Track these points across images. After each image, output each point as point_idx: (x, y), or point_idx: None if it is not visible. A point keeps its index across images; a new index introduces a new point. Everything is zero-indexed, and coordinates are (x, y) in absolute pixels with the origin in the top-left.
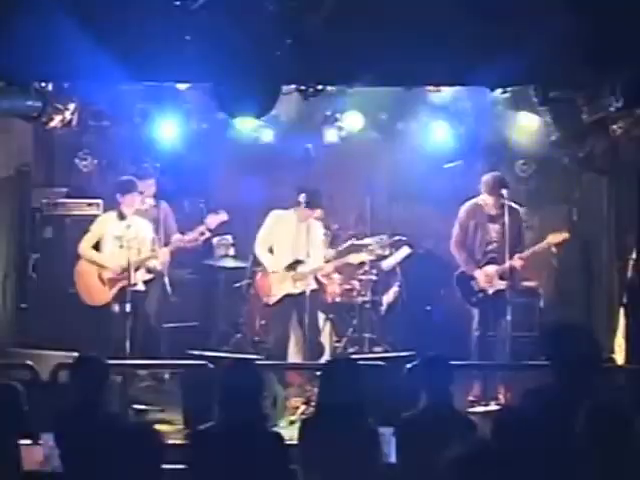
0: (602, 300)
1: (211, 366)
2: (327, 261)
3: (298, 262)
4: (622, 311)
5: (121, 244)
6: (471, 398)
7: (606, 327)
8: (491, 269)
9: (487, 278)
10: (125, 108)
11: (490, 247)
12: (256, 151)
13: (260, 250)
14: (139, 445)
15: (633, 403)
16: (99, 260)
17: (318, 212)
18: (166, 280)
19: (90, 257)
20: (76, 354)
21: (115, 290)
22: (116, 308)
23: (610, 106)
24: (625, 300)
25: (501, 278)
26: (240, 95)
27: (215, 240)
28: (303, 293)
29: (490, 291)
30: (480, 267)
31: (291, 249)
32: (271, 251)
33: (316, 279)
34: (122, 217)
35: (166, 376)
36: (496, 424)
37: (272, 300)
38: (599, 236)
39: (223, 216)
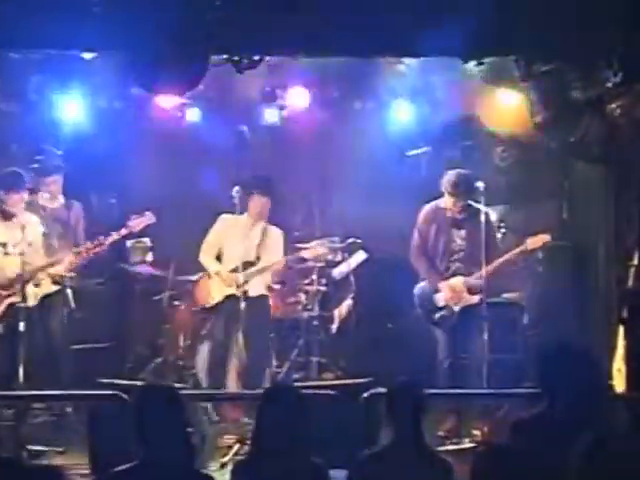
0: (598, 315)
1: (124, 397)
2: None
3: (246, 265)
4: (622, 328)
5: (6, 251)
6: (441, 433)
7: (603, 348)
8: (458, 282)
9: (453, 293)
10: (17, 82)
11: (455, 256)
12: (179, 135)
13: (205, 257)
14: None
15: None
16: None
17: (268, 202)
18: (69, 292)
19: None
20: None
21: (1, 307)
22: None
23: (607, 81)
24: (625, 315)
25: (471, 292)
26: (160, 67)
27: (130, 243)
28: (247, 297)
29: (456, 308)
30: (445, 279)
31: (241, 254)
32: (219, 257)
33: (266, 284)
34: (6, 218)
35: (68, 409)
36: (478, 465)
37: (210, 303)
38: (594, 238)
39: (149, 218)
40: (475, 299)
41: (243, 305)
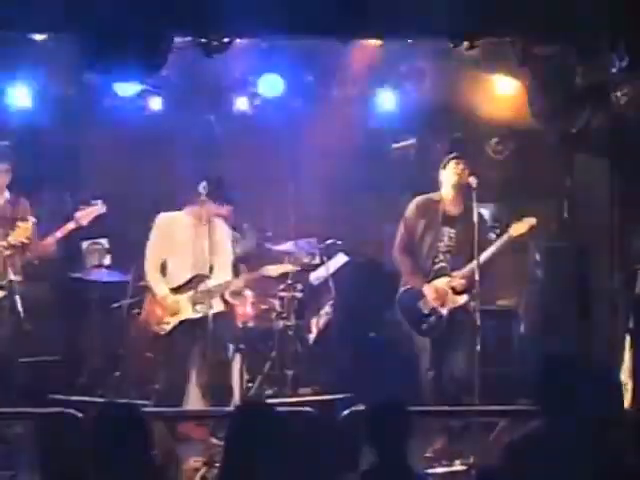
0: (602, 324)
1: (79, 415)
2: (237, 274)
3: (198, 278)
4: (628, 339)
5: None
6: (430, 455)
7: (607, 360)
8: (442, 282)
9: (437, 294)
10: None
11: (441, 257)
12: (141, 125)
13: (149, 269)
14: None
15: None
16: None
17: (225, 209)
18: (17, 299)
19: None
20: None
21: None
22: None
23: (611, 66)
24: (632, 325)
25: (456, 292)
26: (118, 49)
27: (85, 244)
28: (205, 318)
29: (444, 311)
30: (428, 281)
31: (190, 263)
32: (164, 269)
33: (222, 298)
34: None
35: (17, 430)
36: None
37: (164, 330)
38: (597, 239)
39: (98, 208)
40: (461, 300)
41: (201, 329)
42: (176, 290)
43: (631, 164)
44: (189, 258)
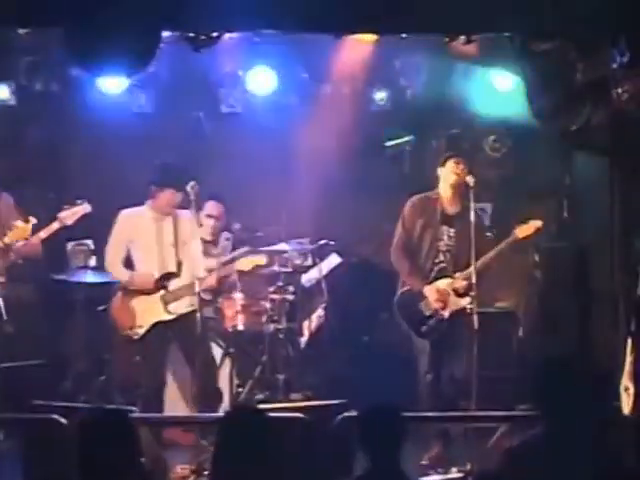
0: (602, 327)
1: (63, 421)
2: (210, 270)
3: (168, 276)
4: (629, 343)
5: None
6: (425, 462)
7: (608, 364)
8: (443, 283)
9: (440, 296)
10: None
11: (441, 257)
12: (127, 122)
13: (112, 265)
14: None
15: None
16: None
17: (178, 195)
18: (0, 302)
19: None
20: None
21: None
22: None
23: (613, 62)
24: (634, 328)
25: (458, 294)
26: (103, 44)
27: (70, 245)
28: (182, 318)
29: (446, 314)
30: (429, 282)
31: (156, 259)
32: (131, 266)
33: (199, 296)
34: None
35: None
36: None
37: (137, 333)
38: (598, 239)
39: (84, 208)
40: (464, 302)
41: (179, 330)
42: (144, 291)
43: (632, 162)
44: (154, 255)
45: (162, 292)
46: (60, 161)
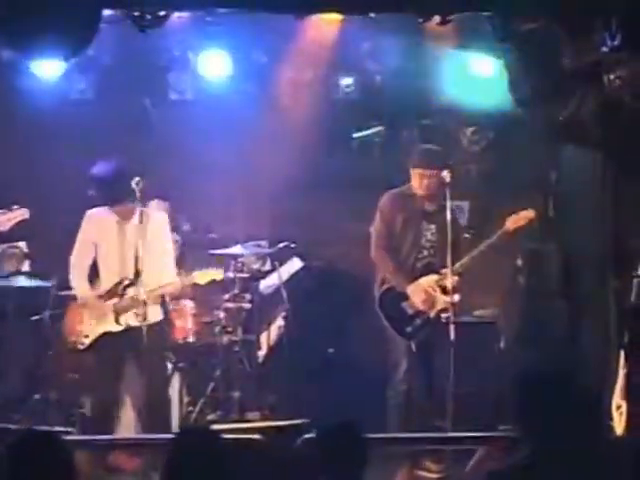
0: (592, 338)
1: None
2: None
3: (122, 284)
4: (622, 355)
5: None
6: None
7: (598, 380)
8: (429, 280)
9: (426, 295)
10: None
11: (425, 252)
12: (64, 111)
13: (75, 276)
14: None
15: None
16: None
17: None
18: None
19: None
20: None
21: None
22: None
23: (603, 45)
24: (626, 340)
25: (445, 292)
26: (37, 24)
27: (0, 249)
28: (135, 330)
29: (432, 314)
30: (413, 280)
31: (117, 266)
32: (96, 273)
33: (163, 307)
34: None
35: None
36: None
37: (83, 343)
38: (588, 242)
39: (22, 213)
40: (452, 299)
41: (129, 343)
42: (102, 297)
43: (626, 156)
44: (115, 261)
45: (115, 300)
46: None
